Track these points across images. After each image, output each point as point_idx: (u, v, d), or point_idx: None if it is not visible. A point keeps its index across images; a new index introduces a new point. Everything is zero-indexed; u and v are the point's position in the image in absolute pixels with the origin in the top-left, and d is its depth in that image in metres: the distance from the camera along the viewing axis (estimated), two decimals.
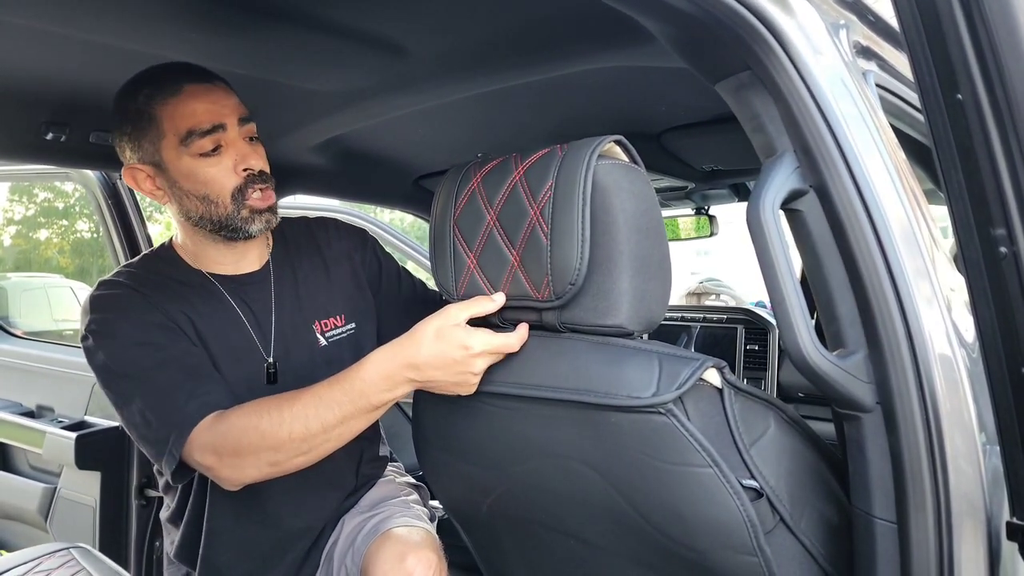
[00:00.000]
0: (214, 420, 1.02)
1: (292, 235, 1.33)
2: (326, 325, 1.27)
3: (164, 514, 1.31)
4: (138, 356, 1.07)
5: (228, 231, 1.14)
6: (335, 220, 1.42)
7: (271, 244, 1.29)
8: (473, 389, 0.93)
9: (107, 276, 1.18)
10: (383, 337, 1.27)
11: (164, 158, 1.10)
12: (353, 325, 1.30)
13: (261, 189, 1.13)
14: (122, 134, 1.12)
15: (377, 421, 1.40)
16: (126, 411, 1.07)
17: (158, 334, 1.09)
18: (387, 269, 1.38)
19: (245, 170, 1.12)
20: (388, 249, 1.45)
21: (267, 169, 1.15)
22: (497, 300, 0.92)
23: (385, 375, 0.93)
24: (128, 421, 1.07)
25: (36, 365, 2.49)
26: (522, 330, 0.92)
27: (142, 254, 1.25)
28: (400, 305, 1.37)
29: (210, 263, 1.21)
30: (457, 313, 0.92)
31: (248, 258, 1.23)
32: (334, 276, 1.31)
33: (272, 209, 1.16)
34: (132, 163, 1.12)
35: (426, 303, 1.38)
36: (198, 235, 1.18)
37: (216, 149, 1.09)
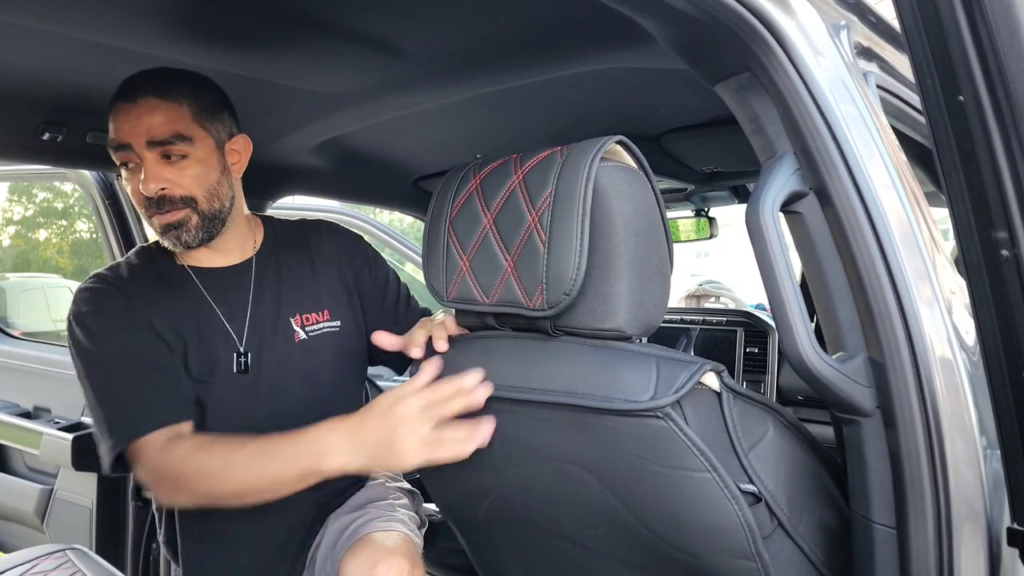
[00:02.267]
0: (164, 443, 1.07)
1: (283, 234, 1.34)
2: (307, 319, 1.28)
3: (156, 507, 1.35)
4: (105, 355, 1.12)
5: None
6: (330, 224, 1.42)
7: (259, 240, 1.30)
8: (434, 451, 0.91)
9: (99, 270, 1.22)
10: (370, 345, 1.26)
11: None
12: (338, 323, 1.30)
13: (156, 215, 1.12)
14: None
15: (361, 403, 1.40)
16: (89, 399, 1.13)
17: (128, 337, 1.13)
18: (375, 276, 1.38)
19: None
20: (387, 251, 1.45)
21: (169, 192, 1.11)
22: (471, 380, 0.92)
23: (327, 437, 0.96)
24: (89, 407, 1.14)
25: (34, 366, 2.48)
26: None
27: (137, 247, 1.28)
28: (383, 314, 1.37)
29: (189, 258, 1.23)
30: (402, 391, 0.94)
31: (227, 253, 1.25)
32: (321, 275, 1.32)
33: (172, 226, 1.13)
34: None
35: (408, 315, 1.38)
36: None
37: (126, 165, 1.12)
